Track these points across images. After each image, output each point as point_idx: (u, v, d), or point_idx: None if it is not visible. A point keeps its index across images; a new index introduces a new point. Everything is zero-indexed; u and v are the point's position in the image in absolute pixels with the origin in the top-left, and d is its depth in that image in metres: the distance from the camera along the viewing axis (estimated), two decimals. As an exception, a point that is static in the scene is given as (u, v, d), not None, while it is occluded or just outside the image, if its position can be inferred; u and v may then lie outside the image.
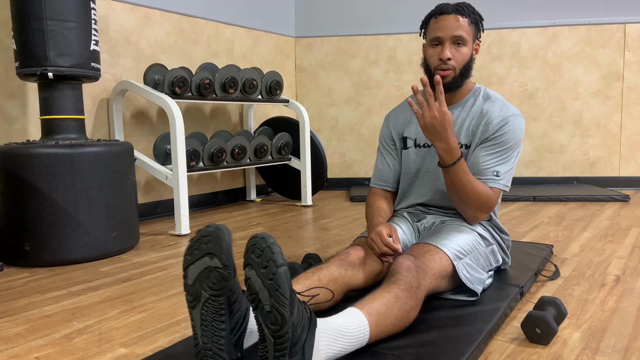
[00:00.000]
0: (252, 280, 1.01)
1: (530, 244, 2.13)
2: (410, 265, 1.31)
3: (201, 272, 1.07)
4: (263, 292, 0.99)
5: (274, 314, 0.97)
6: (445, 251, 1.44)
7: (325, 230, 2.70)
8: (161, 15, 3.16)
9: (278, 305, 0.97)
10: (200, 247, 1.08)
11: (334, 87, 4.26)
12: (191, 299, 1.09)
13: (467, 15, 1.56)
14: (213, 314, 1.07)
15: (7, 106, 2.48)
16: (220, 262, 1.05)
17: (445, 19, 1.55)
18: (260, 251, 1.00)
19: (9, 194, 2.08)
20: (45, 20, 2.10)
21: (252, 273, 1.01)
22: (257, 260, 1.00)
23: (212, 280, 1.06)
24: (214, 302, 1.06)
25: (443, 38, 1.55)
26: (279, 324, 0.97)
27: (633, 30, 3.86)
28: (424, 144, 1.67)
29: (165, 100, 2.63)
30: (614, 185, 3.99)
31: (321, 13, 4.23)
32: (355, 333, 1.11)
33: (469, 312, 1.40)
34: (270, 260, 0.99)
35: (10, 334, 1.41)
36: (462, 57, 1.56)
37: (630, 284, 1.70)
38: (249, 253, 1.03)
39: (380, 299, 1.20)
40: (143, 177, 3.09)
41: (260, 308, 1.00)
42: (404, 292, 1.23)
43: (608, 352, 1.22)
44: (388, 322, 1.19)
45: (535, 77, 4.02)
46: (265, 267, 0.99)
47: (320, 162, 3.56)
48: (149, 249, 2.37)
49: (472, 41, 1.58)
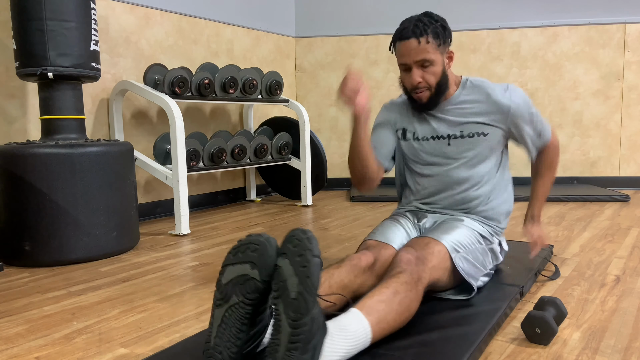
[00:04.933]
0: (283, 268, 1.01)
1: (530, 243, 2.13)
2: (410, 258, 1.33)
3: (238, 276, 1.07)
4: (292, 279, 0.99)
5: (299, 302, 0.98)
6: (444, 244, 1.45)
7: (325, 230, 2.70)
8: (161, 15, 3.16)
9: (305, 292, 0.97)
10: (245, 252, 1.08)
11: (334, 87, 4.26)
12: (220, 297, 1.08)
13: (427, 34, 1.52)
14: (235, 321, 1.06)
15: (7, 106, 2.48)
16: (260, 276, 1.05)
17: (405, 44, 1.54)
18: (298, 241, 1.02)
19: (9, 194, 2.08)
20: (45, 20, 2.10)
21: (284, 262, 1.02)
22: (293, 249, 1.02)
23: (247, 289, 1.06)
24: (241, 309, 1.06)
25: (408, 64, 1.56)
26: (302, 312, 0.97)
27: (633, 30, 3.86)
28: (422, 137, 1.68)
29: (165, 100, 2.63)
30: (614, 185, 3.99)
31: (321, 13, 4.23)
32: (356, 335, 1.10)
33: (469, 312, 1.40)
34: (307, 249, 1.01)
35: (10, 334, 1.41)
36: (432, 77, 1.57)
37: (630, 284, 1.70)
38: (285, 243, 1.04)
39: (378, 296, 1.19)
40: (143, 177, 3.09)
41: (285, 296, 0.99)
42: (402, 285, 1.24)
43: (608, 352, 1.22)
44: (389, 319, 1.18)
45: (535, 77, 4.02)
46: (301, 255, 1.00)
47: (320, 162, 3.56)
48: (149, 249, 2.37)
49: (440, 55, 1.56)
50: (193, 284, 1.83)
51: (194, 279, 1.89)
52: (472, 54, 4.08)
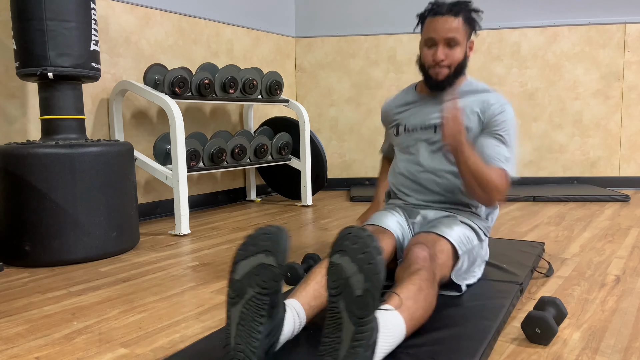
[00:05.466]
0: (343, 266, 0.99)
1: (522, 242, 2.16)
2: (425, 256, 1.34)
3: (253, 268, 1.05)
4: (357, 276, 0.97)
5: (365, 299, 0.96)
6: (452, 242, 1.47)
7: (325, 230, 2.70)
8: (161, 15, 3.16)
9: (374, 289, 0.95)
10: (257, 243, 1.07)
11: (334, 87, 4.26)
12: (234, 295, 1.06)
13: (460, 15, 1.56)
14: (254, 314, 1.03)
15: (7, 106, 2.48)
16: (276, 261, 1.04)
17: (439, 20, 1.56)
18: (358, 239, 1.00)
19: (9, 194, 2.08)
20: (45, 20, 2.10)
21: (344, 259, 0.99)
22: (353, 246, 0.99)
23: (262, 278, 1.04)
24: (258, 300, 1.04)
25: (436, 40, 1.58)
26: (369, 309, 0.96)
27: (633, 30, 3.86)
28: (412, 129, 1.71)
29: (165, 100, 2.63)
30: (614, 185, 3.99)
31: (321, 13, 4.23)
32: (395, 333, 1.10)
33: (474, 309, 1.41)
34: (371, 246, 0.99)
35: (10, 334, 1.41)
36: (455, 58, 1.59)
37: (630, 284, 1.70)
38: (342, 240, 1.02)
39: (406, 293, 1.19)
40: (143, 177, 3.09)
41: (347, 294, 0.97)
42: (425, 282, 1.24)
43: (608, 352, 1.22)
44: (418, 315, 1.19)
45: (535, 77, 4.02)
46: (365, 252, 0.98)
47: (320, 162, 3.56)
48: (149, 249, 2.37)
49: (466, 40, 1.61)
50: (193, 284, 1.83)
51: (194, 279, 1.89)
52: (472, 54, 4.07)
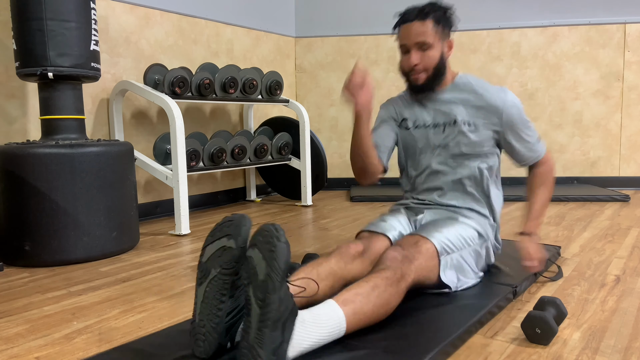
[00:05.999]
0: (253, 257, 1.07)
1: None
2: (395, 256, 1.35)
3: (216, 250, 1.15)
4: (261, 264, 1.04)
5: (266, 282, 1.02)
6: (434, 242, 1.46)
7: (325, 230, 2.70)
8: (161, 15, 3.16)
9: (273, 273, 1.02)
10: (222, 229, 1.17)
11: (334, 87, 4.26)
12: (201, 276, 1.16)
13: (429, 18, 1.57)
14: (215, 292, 1.12)
15: (7, 106, 2.48)
16: (236, 244, 1.13)
17: (408, 27, 1.59)
18: (266, 232, 1.07)
19: (9, 194, 2.08)
20: (45, 20, 2.10)
21: (254, 252, 1.07)
22: (261, 239, 1.07)
23: (224, 259, 1.13)
24: (220, 280, 1.13)
25: (408, 45, 1.61)
26: (269, 291, 1.02)
27: (633, 30, 3.86)
28: (423, 124, 1.72)
29: (165, 100, 2.63)
30: (614, 185, 3.99)
31: (321, 13, 4.23)
32: (329, 324, 1.14)
33: (454, 307, 1.41)
34: (274, 237, 1.05)
35: (10, 334, 1.41)
36: (430, 60, 1.60)
37: (630, 284, 1.70)
38: (255, 235, 1.09)
39: (356, 289, 1.23)
40: (143, 177, 3.09)
41: (255, 281, 1.05)
42: (383, 280, 1.27)
43: (608, 352, 1.22)
44: (366, 310, 1.21)
45: (535, 77, 4.02)
46: (268, 242, 1.05)
47: (320, 162, 3.56)
48: (149, 249, 2.37)
49: (440, 41, 1.61)
50: (193, 284, 1.83)
51: (194, 279, 1.89)
52: (472, 54, 4.08)
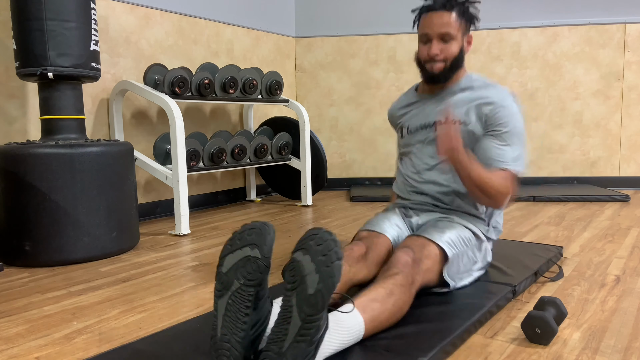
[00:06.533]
0: (303, 264, 1.02)
1: (539, 245, 2.10)
2: (407, 260, 1.35)
3: (239, 261, 1.09)
4: (312, 276, 1.00)
5: (316, 299, 0.99)
6: (443, 246, 1.47)
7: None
8: (161, 15, 3.16)
9: (325, 291, 0.99)
10: (243, 238, 1.10)
11: (334, 87, 4.26)
12: (220, 288, 1.09)
13: (454, 10, 1.57)
14: (239, 305, 1.06)
15: (7, 106, 2.48)
16: (261, 254, 1.07)
17: (433, 15, 1.58)
18: (322, 241, 1.03)
19: (9, 194, 2.08)
20: (45, 20, 2.10)
21: (305, 257, 1.03)
22: (316, 247, 1.02)
23: (248, 270, 1.07)
24: (244, 292, 1.07)
25: (430, 35, 1.59)
26: (317, 308, 0.99)
27: (633, 30, 3.86)
28: (414, 129, 1.73)
29: (165, 100, 2.63)
30: (614, 185, 3.99)
31: (321, 13, 4.23)
32: (351, 331, 1.14)
33: (453, 308, 1.42)
34: (332, 250, 1.02)
35: (10, 334, 1.41)
36: (450, 52, 1.60)
37: (630, 284, 1.70)
38: (307, 240, 1.05)
39: (373, 294, 1.23)
40: (143, 177, 3.09)
41: (302, 290, 1.01)
42: (398, 287, 1.27)
43: (608, 352, 1.22)
44: (382, 318, 1.22)
45: (535, 77, 4.02)
46: (325, 255, 1.01)
47: (320, 162, 3.56)
48: (149, 249, 2.37)
49: (461, 35, 1.61)
50: (193, 284, 1.83)
51: (194, 279, 1.89)
52: (472, 54, 4.07)
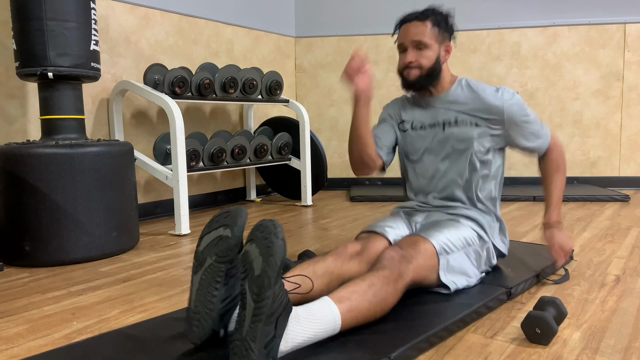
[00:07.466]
0: (250, 252, 1.09)
1: (543, 246, 2.05)
2: (393, 256, 1.37)
3: (212, 240, 1.20)
4: (257, 259, 1.06)
5: (262, 278, 1.04)
6: (433, 243, 1.47)
7: (325, 230, 2.70)
8: (161, 15, 3.16)
9: (268, 269, 1.04)
10: (219, 220, 1.22)
11: (334, 87, 4.26)
12: (196, 264, 1.20)
13: (428, 20, 1.61)
14: (210, 280, 1.17)
15: (7, 106, 2.48)
16: (232, 233, 1.17)
17: (409, 26, 1.64)
18: (264, 228, 1.09)
19: (9, 194, 2.08)
20: (45, 20, 2.10)
21: (252, 247, 1.09)
22: (259, 234, 1.09)
23: (220, 248, 1.18)
24: (215, 268, 1.17)
25: (405, 44, 1.64)
26: (264, 287, 1.03)
27: (633, 30, 3.86)
28: (420, 126, 1.74)
29: (165, 100, 2.63)
30: (614, 185, 3.99)
31: (321, 13, 4.23)
32: (324, 320, 1.14)
33: (440, 306, 1.42)
34: (271, 233, 1.07)
35: (10, 334, 1.41)
36: (425, 60, 1.62)
37: (630, 284, 1.70)
38: (253, 231, 1.11)
39: (352, 287, 1.24)
40: (143, 177, 3.09)
41: (251, 275, 1.07)
42: (379, 279, 1.28)
43: (608, 352, 1.22)
44: (362, 308, 1.22)
45: (535, 77, 4.02)
46: (266, 238, 1.07)
47: (320, 162, 3.56)
48: (149, 249, 2.37)
49: (437, 43, 1.63)
50: (193, 284, 1.83)
51: (194, 279, 1.89)
52: (472, 54, 4.08)
